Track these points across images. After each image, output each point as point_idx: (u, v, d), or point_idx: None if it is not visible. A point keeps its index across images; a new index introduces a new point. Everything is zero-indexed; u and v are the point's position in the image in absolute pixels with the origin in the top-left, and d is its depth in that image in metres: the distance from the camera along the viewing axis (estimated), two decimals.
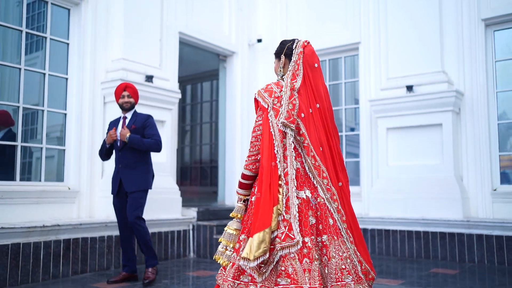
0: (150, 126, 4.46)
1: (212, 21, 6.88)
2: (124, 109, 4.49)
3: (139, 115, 4.52)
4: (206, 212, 6.14)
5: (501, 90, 5.81)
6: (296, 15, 7.28)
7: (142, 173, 4.40)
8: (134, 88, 4.52)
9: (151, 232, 5.41)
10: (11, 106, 4.80)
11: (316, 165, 2.26)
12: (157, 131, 4.49)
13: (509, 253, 5.20)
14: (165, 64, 6.01)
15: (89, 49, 5.30)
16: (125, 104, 4.46)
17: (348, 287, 2.15)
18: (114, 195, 4.44)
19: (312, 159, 2.26)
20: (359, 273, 2.23)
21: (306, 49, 2.45)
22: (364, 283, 2.21)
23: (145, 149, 4.36)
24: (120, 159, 4.38)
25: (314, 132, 2.31)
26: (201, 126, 8.72)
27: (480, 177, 5.70)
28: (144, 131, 4.42)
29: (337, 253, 2.18)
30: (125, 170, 4.35)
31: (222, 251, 2.40)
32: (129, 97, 4.46)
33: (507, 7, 5.66)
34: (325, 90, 2.46)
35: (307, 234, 2.15)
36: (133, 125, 4.41)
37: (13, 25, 4.82)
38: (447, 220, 5.53)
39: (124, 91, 4.45)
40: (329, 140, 2.37)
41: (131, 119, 4.47)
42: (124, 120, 4.49)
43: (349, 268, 2.19)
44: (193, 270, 5.06)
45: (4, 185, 4.51)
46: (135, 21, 5.63)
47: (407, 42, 6.16)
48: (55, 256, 4.49)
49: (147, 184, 4.44)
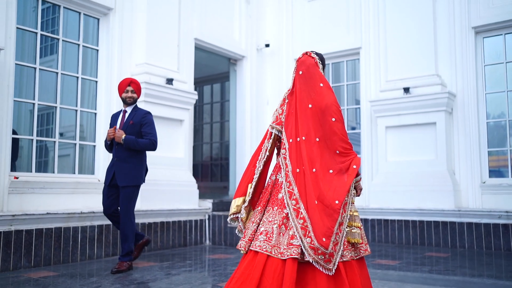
0: (147, 123, 4.52)
1: (224, 27, 7.43)
2: (127, 103, 4.57)
3: (139, 110, 4.61)
4: (221, 203, 6.70)
5: (490, 91, 6.37)
6: (301, 21, 7.84)
7: (135, 167, 4.47)
8: (138, 84, 4.63)
9: (172, 221, 5.97)
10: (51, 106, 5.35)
11: (284, 155, 2.78)
12: (154, 130, 4.56)
13: (495, 239, 5.76)
14: (182, 68, 6.56)
15: (116, 54, 5.84)
16: (128, 98, 4.55)
17: (256, 247, 2.60)
18: (106, 185, 4.54)
19: (283, 150, 2.80)
20: (295, 243, 2.54)
21: (298, 61, 2.94)
22: (293, 250, 2.52)
23: (140, 149, 4.45)
24: (116, 152, 4.48)
25: (290, 129, 2.81)
26: (212, 125, 9.26)
27: (471, 171, 6.26)
28: (141, 127, 4.50)
29: (267, 219, 2.68)
30: (119, 163, 4.44)
31: None
32: (132, 92, 4.56)
33: (495, 16, 6.22)
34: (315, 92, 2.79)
35: (259, 205, 2.77)
36: (131, 120, 4.50)
37: (51, 34, 5.38)
38: (441, 210, 6.09)
39: (129, 86, 4.55)
40: (309, 133, 2.74)
41: (130, 114, 4.56)
42: (124, 114, 4.58)
43: (270, 233, 2.62)
44: (210, 254, 5.60)
45: (45, 177, 5.07)
46: (156, 29, 6.17)
47: (404, 48, 6.71)
48: (90, 239, 5.05)
49: (140, 179, 4.53)
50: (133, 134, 4.47)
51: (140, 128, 4.50)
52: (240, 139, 7.75)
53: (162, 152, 5.99)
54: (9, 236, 4.37)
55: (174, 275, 4.22)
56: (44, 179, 5.01)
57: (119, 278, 4.07)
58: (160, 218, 5.82)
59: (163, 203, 5.88)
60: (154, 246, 5.73)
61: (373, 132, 6.95)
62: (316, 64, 2.88)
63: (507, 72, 6.24)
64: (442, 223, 6.10)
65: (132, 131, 4.48)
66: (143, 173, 4.58)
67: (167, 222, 5.92)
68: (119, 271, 4.30)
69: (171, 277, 4.16)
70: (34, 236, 4.56)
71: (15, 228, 4.42)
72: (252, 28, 7.85)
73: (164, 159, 6.05)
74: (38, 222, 4.61)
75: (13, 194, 4.71)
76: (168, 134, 6.19)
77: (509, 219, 5.71)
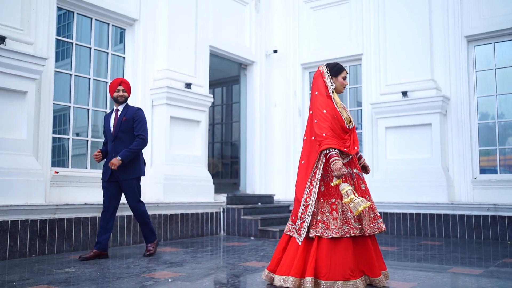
0: (138, 120, 4.74)
1: (236, 35, 8.03)
2: (118, 102, 4.78)
3: (130, 107, 4.82)
4: (234, 197, 7.29)
5: (481, 95, 6.96)
6: (307, 29, 8.43)
7: (133, 161, 4.71)
8: (128, 84, 4.85)
9: (190, 213, 6.55)
10: (84, 109, 5.94)
11: None
12: (144, 126, 4.78)
13: (485, 229, 6.35)
14: (199, 73, 7.15)
15: (140, 61, 6.43)
16: (120, 97, 4.75)
17: None
18: (104, 181, 4.74)
19: None
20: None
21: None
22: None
23: (137, 152, 4.71)
24: (113, 148, 4.71)
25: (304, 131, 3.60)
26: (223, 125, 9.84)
27: (463, 168, 6.84)
28: (133, 123, 4.73)
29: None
30: None
31: None
32: (123, 91, 4.76)
33: (485, 26, 6.81)
34: (311, 99, 3.51)
35: None
36: (124, 117, 4.71)
37: (85, 44, 5.97)
38: (435, 203, 6.67)
39: (120, 86, 4.75)
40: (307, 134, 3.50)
41: (122, 111, 4.77)
42: (117, 112, 4.79)
43: None
44: (226, 242, 6.19)
45: (80, 172, 5.68)
46: (176, 38, 6.76)
47: (403, 54, 7.30)
48: (120, 228, 5.64)
49: (139, 171, 4.78)
50: (127, 129, 4.71)
51: (133, 123, 4.73)
52: (250, 139, 8.33)
53: (182, 150, 6.60)
54: (54, 223, 4.96)
55: (199, 257, 4.81)
56: (79, 174, 5.60)
57: (153, 259, 4.66)
58: (180, 210, 6.41)
59: (183, 196, 6.46)
60: (175, 235, 6.31)
61: (374, 132, 7.54)
62: (319, 75, 3.58)
63: (496, 78, 6.83)
64: (436, 215, 6.69)
65: (126, 127, 4.71)
66: (141, 166, 4.83)
67: (186, 214, 6.51)
68: (151, 254, 4.85)
69: (198, 258, 4.75)
70: (73, 224, 5.15)
71: (58, 216, 5.01)
72: (261, 35, 8.44)
73: (184, 156, 6.65)
74: (77, 212, 5.20)
75: (53, 187, 5.31)
76: (187, 134, 6.78)
77: (497, 211, 6.30)
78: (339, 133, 3.38)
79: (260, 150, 8.29)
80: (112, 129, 4.74)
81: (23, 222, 4.69)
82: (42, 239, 4.84)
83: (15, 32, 4.90)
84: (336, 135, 3.34)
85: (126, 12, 6.25)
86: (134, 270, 4.06)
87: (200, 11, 7.21)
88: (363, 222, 3.31)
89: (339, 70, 3.54)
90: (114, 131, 4.71)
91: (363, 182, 3.52)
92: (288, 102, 8.52)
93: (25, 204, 4.68)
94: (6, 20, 4.85)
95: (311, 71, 8.48)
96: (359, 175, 3.50)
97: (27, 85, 4.93)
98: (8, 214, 4.56)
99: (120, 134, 4.71)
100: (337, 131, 3.37)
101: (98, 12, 6.00)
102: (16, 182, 4.69)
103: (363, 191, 3.45)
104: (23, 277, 3.73)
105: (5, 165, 4.65)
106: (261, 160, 8.28)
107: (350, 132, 3.47)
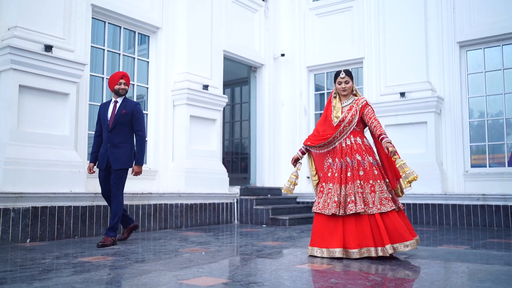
0: (137, 118, 4.91)
1: (247, 40, 8.69)
2: (119, 95, 4.92)
3: (129, 101, 4.97)
4: (246, 189, 7.96)
5: (472, 96, 7.62)
6: (312, 34, 9.09)
7: (126, 151, 4.87)
8: (129, 78, 5.03)
9: (207, 203, 7.22)
10: None
11: None
12: (143, 122, 4.96)
13: (474, 217, 7.02)
14: (214, 75, 7.81)
15: (163, 65, 7.09)
16: (121, 90, 4.90)
17: None
18: (101, 170, 4.93)
19: None
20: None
21: None
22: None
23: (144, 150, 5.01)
24: (109, 139, 4.86)
25: None
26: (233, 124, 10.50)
27: (456, 162, 7.51)
28: (132, 118, 4.89)
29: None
30: (112, 149, 4.83)
31: None
32: (125, 84, 4.91)
33: (476, 33, 7.47)
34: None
35: None
36: (123, 110, 4.86)
37: (113, 49, 6.63)
38: (430, 194, 7.34)
39: (121, 79, 4.90)
40: None
41: (121, 104, 4.90)
42: (115, 104, 4.92)
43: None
44: (241, 229, 6.85)
45: None
46: (193, 43, 7.42)
47: (401, 58, 7.96)
48: (148, 215, 6.30)
49: (130, 163, 4.91)
50: (125, 122, 4.86)
51: (132, 118, 4.89)
52: (259, 136, 8.99)
53: (200, 146, 7.26)
54: (92, 209, 5.62)
55: (222, 239, 5.48)
56: None
57: (182, 240, 5.31)
58: (199, 200, 7.07)
59: (202, 188, 7.13)
60: (194, 223, 6.97)
61: None
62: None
63: (486, 80, 7.50)
64: (431, 205, 7.35)
65: (124, 120, 4.86)
66: (132, 158, 4.95)
67: (205, 203, 7.17)
68: (104, 245, 4.66)
69: (220, 240, 5.41)
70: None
71: (96, 203, 5.67)
72: (269, 40, 9.10)
73: (202, 152, 7.31)
74: None
75: (89, 178, 5.96)
76: (205, 131, 7.44)
77: (485, 201, 6.96)
78: (325, 129, 4.21)
79: (269, 146, 8.95)
80: (109, 120, 4.88)
81: (68, 208, 5.36)
82: (83, 223, 5.51)
83: (59, 41, 5.56)
84: (318, 132, 4.26)
85: (150, 21, 6.91)
86: (169, 247, 4.73)
87: (215, 18, 7.87)
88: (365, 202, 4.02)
89: (335, 78, 4.31)
90: (112, 122, 4.85)
91: (363, 169, 4.11)
92: (295, 102, 9.18)
93: (69, 192, 5.34)
94: (52, 30, 5.51)
95: (316, 73, 9.15)
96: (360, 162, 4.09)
97: (69, 87, 5.59)
98: (56, 200, 5.23)
99: (117, 126, 4.86)
100: (325, 127, 4.22)
101: (127, 21, 6.65)
102: (62, 172, 5.35)
103: (361, 176, 4.07)
104: (77, 252, 4.38)
105: (52, 157, 5.31)
106: (270, 155, 8.95)
107: (337, 127, 4.14)
